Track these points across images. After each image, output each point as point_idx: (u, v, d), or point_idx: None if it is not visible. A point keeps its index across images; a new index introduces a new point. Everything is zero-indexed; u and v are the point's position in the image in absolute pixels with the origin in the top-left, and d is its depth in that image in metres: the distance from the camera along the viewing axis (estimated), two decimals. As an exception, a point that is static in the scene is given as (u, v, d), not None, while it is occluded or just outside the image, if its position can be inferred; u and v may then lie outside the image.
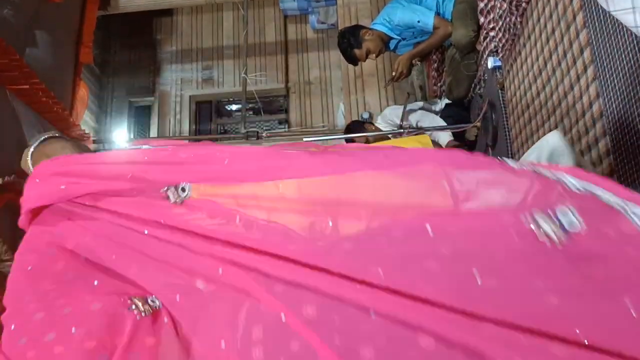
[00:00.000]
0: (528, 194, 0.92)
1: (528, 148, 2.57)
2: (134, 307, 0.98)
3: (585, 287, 0.82)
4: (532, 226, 0.87)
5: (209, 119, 6.39)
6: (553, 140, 1.91)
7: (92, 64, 4.48)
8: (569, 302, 0.81)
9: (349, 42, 3.31)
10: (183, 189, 1.05)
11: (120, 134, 6.16)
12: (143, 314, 0.97)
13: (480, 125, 3.04)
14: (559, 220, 0.87)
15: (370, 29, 3.35)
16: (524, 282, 0.83)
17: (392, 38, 3.35)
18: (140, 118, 6.36)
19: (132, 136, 6.23)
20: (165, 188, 1.06)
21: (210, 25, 6.40)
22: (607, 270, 0.84)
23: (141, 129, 6.34)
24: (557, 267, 0.84)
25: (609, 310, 0.80)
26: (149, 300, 1.00)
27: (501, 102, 2.83)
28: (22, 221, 1.22)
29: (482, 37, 2.97)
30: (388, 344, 0.82)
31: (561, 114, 2.16)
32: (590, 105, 1.94)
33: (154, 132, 6.11)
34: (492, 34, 2.80)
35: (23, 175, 2.95)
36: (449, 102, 3.45)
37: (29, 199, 1.20)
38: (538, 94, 2.38)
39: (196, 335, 0.94)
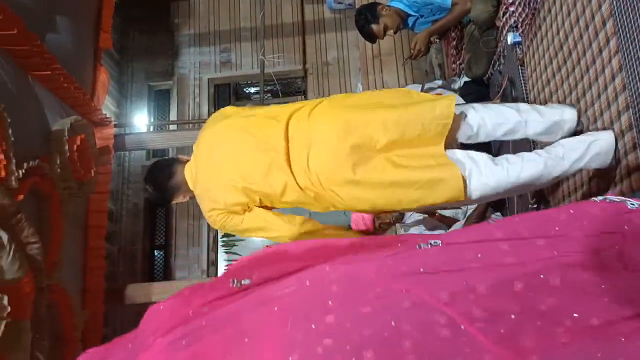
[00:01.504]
0: None
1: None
2: None
3: None
4: None
5: (227, 101, 6.42)
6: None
7: (111, 49, 4.53)
8: None
9: (366, 18, 3.28)
10: None
11: (141, 118, 6.23)
12: None
13: (500, 102, 3.01)
14: None
15: (388, 5, 3.32)
16: None
17: (409, 15, 3.31)
18: (160, 102, 6.42)
19: (152, 120, 6.29)
20: None
21: (227, 7, 6.39)
22: None
23: (161, 113, 6.40)
24: None
25: None
26: None
27: (521, 79, 2.79)
28: None
29: (501, 13, 2.92)
30: None
31: (583, 88, 2.12)
32: (613, 78, 1.90)
33: (173, 115, 6.16)
34: (511, 9, 2.76)
35: (46, 160, 3.02)
36: (468, 79, 3.41)
37: None
38: (559, 69, 2.34)
39: None
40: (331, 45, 6.19)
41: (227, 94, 6.57)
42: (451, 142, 1.96)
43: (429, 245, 1.14)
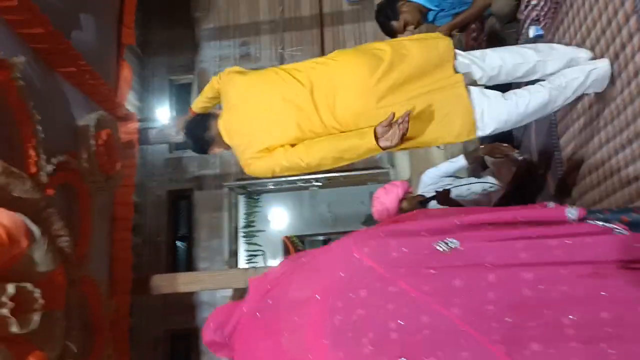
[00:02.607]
0: None
1: (571, 120, 2.54)
2: None
3: None
4: None
5: (247, 94, 6.45)
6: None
7: (134, 44, 4.58)
8: None
9: (387, 14, 3.27)
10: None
11: (162, 112, 6.31)
12: None
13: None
14: None
15: (408, 0, 3.30)
16: None
17: (430, 9, 3.29)
18: (181, 96, 6.49)
19: (173, 113, 6.37)
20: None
21: (247, 1, 6.42)
22: None
23: (182, 107, 6.47)
24: None
25: None
26: None
27: (543, 72, 2.78)
28: None
29: (523, 6, 2.90)
30: None
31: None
32: (637, 74, 1.90)
33: (194, 109, 6.22)
34: (533, 2, 2.74)
35: (74, 155, 3.10)
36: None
37: None
38: (581, 63, 2.33)
39: None
40: (349, 37, 6.20)
41: (247, 87, 6.61)
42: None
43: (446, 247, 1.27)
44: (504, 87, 2.17)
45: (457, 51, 2.12)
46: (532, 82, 2.20)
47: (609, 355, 1.12)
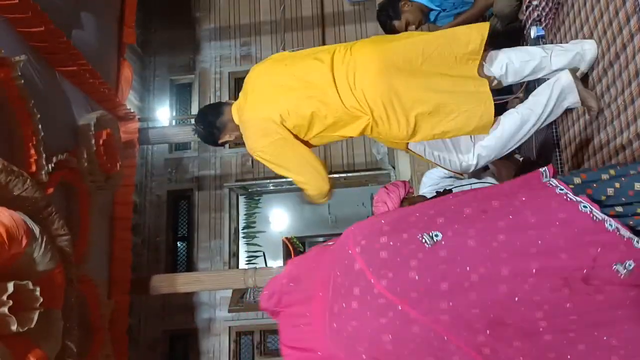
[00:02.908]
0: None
1: (572, 121, 2.53)
2: None
3: None
4: None
5: (248, 95, 6.45)
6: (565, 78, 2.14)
7: (135, 44, 4.58)
8: None
9: (388, 14, 3.27)
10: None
11: (163, 112, 6.31)
12: None
13: (523, 97, 3.00)
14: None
15: (410, 0, 3.30)
16: None
17: (432, 9, 3.29)
18: (182, 96, 6.49)
19: (174, 113, 6.37)
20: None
21: (247, 1, 6.42)
22: None
23: (182, 107, 6.47)
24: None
25: None
26: None
27: (544, 73, 2.77)
28: None
29: (524, 6, 2.90)
30: None
31: (607, 82, 2.12)
32: (637, 74, 1.89)
33: (195, 109, 6.22)
34: (535, 2, 2.74)
35: (74, 154, 3.09)
36: (490, 73, 3.40)
37: None
38: (583, 63, 2.33)
39: None
40: (351, 37, 6.19)
41: (248, 87, 6.61)
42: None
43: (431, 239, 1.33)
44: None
45: None
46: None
47: (576, 341, 1.23)
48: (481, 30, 2.11)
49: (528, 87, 2.91)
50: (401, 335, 1.27)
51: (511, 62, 2.15)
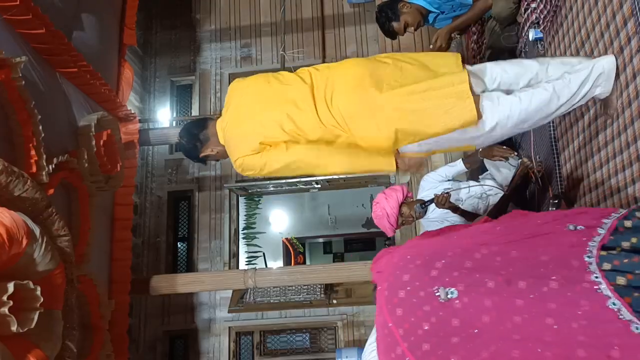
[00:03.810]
0: None
1: (569, 123, 2.54)
2: None
3: None
4: None
5: (248, 96, 6.45)
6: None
7: (135, 45, 4.59)
8: None
9: (387, 15, 3.28)
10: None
11: (164, 113, 6.32)
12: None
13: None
14: None
15: (409, 2, 3.31)
16: None
17: (430, 11, 3.31)
18: (182, 97, 6.49)
19: (174, 114, 6.38)
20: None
21: (247, 3, 6.43)
22: None
23: (183, 108, 6.48)
24: None
25: None
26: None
27: (542, 75, 2.78)
28: None
29: (523, 9, 2.92)
30: None
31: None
32: (634, 76, 1.91)
33: (195, 110, 6.23)
34: (533, 5, 2.75)
35: (74, 155, 3.10)
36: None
37: None
38: (580, 66, 2.34)
39: None
40: (350, 39, 6.20)
41: (248, 88, 6.61)
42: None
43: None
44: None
45: None
46: None
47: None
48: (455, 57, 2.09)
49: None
50: None
51: (505, 72, 2.08)
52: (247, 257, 7.03)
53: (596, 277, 1.23)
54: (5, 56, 2.38)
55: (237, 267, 6.08)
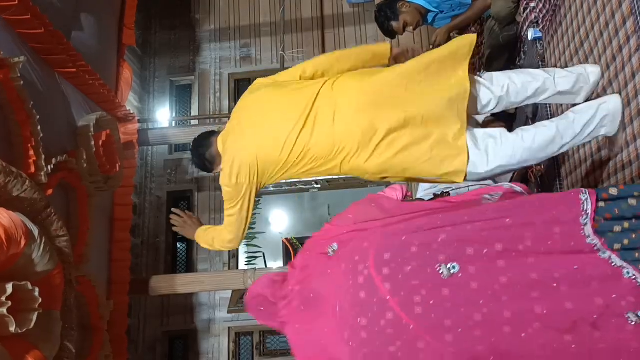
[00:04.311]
0: None
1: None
2: None
3: None
4: None
5: (247, 96, 6.45)
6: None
7: (134, 45, 4.59)
8: None
9: (386, 15, 3.29)
10: None
11: (163, 113, 6.32)
12: None
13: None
14: None
15: (408, 1, 3.31)
16: None
17: (429, 11, 3.31)
18: (182, 97, 6.49)
19: (174, 115, 6.37)
20: None
21: (247, 3, 6.42)
22: None
23: (182, 108, 6.47)
24: None
25: None
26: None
27: (542, 75, 2.78)
28: None
29: (522, 9, 2.92)
30: None
31: (603, 85, 2.13)
32: (633, 76, 1.90)
33: (194, 110, 6.23)
34: (532, 4, 2.75)
35: (73, 155, 3.10)
36: (488, 75, 3.40)
37: None
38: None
39: None
40: (350, 39, 6.19)
41: (248, 89, 6.62)
42: (472, 113, 2.03)
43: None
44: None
45: None
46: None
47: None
48: (465, 61, 1.98)
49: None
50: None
51: (513, 83, 2.02)
52: (246, 258, 7.01)
53: (592, 241, 1.31)
54: (4, 56, 2.38)
55: (237, 268, 6.08)
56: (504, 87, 2.02)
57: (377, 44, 2.36)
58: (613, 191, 1.39)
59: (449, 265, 1.34)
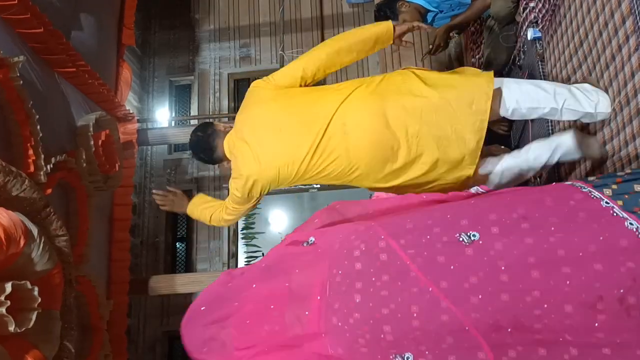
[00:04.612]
0: None
1: (568, 123, 2.54)
2: None
3: None
4: None
5: (247, 96, 6.45)
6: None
7: (134, 45, 4.59)
8: None
9: (386, 14, 3.29)
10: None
11: (162, 113, 6.32)
12: None
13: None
14: None
15: (407, 1, 3.31)
16: None
17: (429, 10, 3.31)
18: (181, 97, 6.49)
19: (173, 114, 6.38)
20: None
21: (246, 2, 6.43)
22: None
23: (182, 108, 6.48)
24: None
25: None
26: None
27: (541, 74, 2.78)
28: None
29: (521, 8, 2.92)
30: None
31: (604, 85, 2.13)
32: (633, 75, 1.90)
33: (194, 110, 6.23)
34: (531, 4, 2.75)
35: (73, 155, 3.09)
36: (488, 74, 3.40)
37: None
38: (580, 65, 2.34)
39: None
40: (350, 39, 6.19)
41: (247, 88, 6.62)
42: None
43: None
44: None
45: None
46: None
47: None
48: (486, 85, 2.02)
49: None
50: (430, 317, 1.29)
51: (519, 107, 2.07)
52: (246, 257, 7.02)
53: (607, 203, 1.29)
54: (3, 55, 2.38)
55: (236, 267, 6.07)
56: (508, 109, 2.08)
57: (376, 24, 2.29)
58: (591, 179, 1.42)
59: (469, 233, 1.33)
